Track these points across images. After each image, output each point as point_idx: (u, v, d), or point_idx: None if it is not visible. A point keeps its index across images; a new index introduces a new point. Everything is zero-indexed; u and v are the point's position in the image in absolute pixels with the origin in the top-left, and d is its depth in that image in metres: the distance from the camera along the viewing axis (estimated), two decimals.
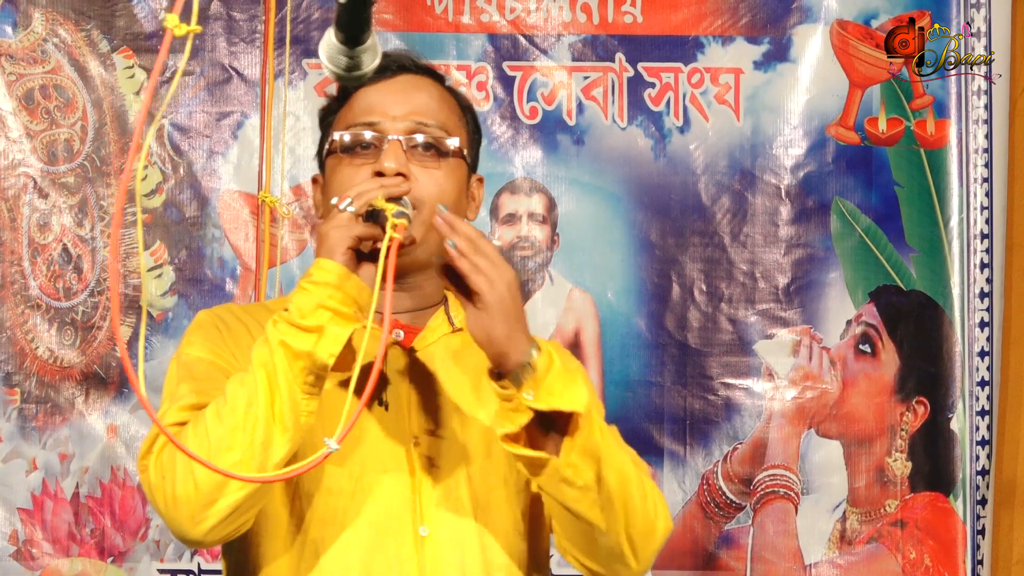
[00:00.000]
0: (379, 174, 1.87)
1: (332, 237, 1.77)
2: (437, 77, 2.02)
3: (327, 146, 1.98)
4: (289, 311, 1.75)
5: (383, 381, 1.90)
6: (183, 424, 1.79)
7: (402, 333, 1.95)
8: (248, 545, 1.89)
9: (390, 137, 1.90)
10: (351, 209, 1.78)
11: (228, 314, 1.97)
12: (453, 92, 2.03)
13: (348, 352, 1.80)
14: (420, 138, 1.92)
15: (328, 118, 2.01)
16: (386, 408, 1.90)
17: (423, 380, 1.94)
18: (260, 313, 1.95)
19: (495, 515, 1.91)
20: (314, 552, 1.85)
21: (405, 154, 1.90)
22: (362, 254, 1.79)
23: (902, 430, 3.46)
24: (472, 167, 2.02)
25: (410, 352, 1.94)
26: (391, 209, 1.77)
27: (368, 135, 1.92)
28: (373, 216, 1.79)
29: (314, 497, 1.86)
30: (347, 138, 1.93)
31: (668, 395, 3.47)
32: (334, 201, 1.81)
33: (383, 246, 1.73)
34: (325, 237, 1.78)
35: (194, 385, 1.84)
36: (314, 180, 2.04)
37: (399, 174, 1.87)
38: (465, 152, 1.97)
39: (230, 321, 1.94)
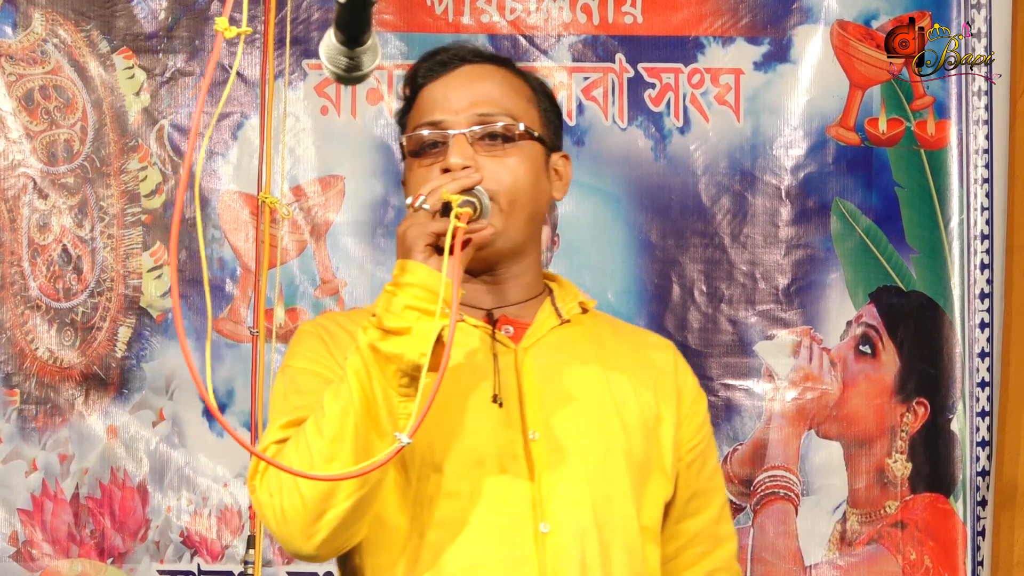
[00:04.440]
0: (448, 171, 1.87)
1: (409, 236, 1.76)
2: (501, 62, 2.01)
3: (401, 151, 2.00)
4: (377, 316, 1.75)
5: (496, 379, 1.90)
6: (284, 441, 1.80)
7: (512, 329, 1.94)
8: (363, 554, 1.88)
9: (453, 132, 1.91)
10: (426, 207, 1.77)
11: (330, 322, 1.96)
12: (521, 74, 2.02)
13: (452, 349, 1.81)
14: (484, 129, 1.91)
15: (402, 120, 2.02)
16: (500, 406, 1.88)
17: (536, 375, 1.92)
18: (362, 319, 1.93)
19: (615, 509, 1.89)
20: (432, 556, 1.84)
21: (473, 146, 1.90)
22: (442, 250, 1.78)
23: (902, 431, 3.46)
24: (552, 146, 2.01)
25: (521, 348, 1.94)
26: (457, 199, 1.76)
27: (432, 134, 1.92)
28: (448, 211, 1.79)
29: (434, 501, 1.85)
30: (413, 141, 1.94)
31: None
32: (408, 201, 1.82)
33: (448, 235, 1.73)
34: (403, 237, 1.77)
35: (298, 399, 1.85)
36: (403, 183, 2.03)
37: (467, 167, 1.87)
38: (537, 133, 1.96)
39: (332, 329, 1.94)
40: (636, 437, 1.93)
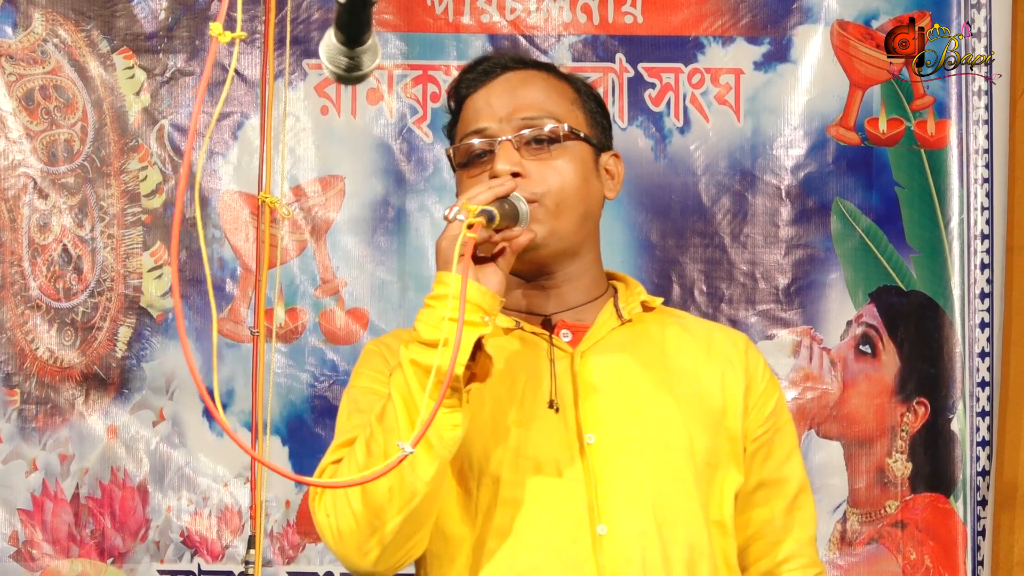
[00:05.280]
0: (496, 177, 1.88)
1: (443, 248, 1.77)
2: (543, 67, 2.03)
3: (451, 163, 2.01)
4: (416, 330, 1.76)
5: (553, 384, 1.90)
6: (340, 461, 1.82)
7: (570, 333, 1.95)
8: (428, 568, 1.90)
9: (499, 139, 1.92)
10: (460, 218, 1.77)
11: (393, 339, 1.97)
12: (565, 77, 2.04)
13: (509, 356, 1.84)
14: (530, 133, 1.92)
15: (450, 134, 2.02)
16: (556, 411, 1.89)
17: (592, 378, 1.92)
18: None
19: (676, 508, 1.89)
20: (489, 564, 1.85)
21: (519, 151, 1.91)
22: (481, 259, 1.79)
23: (902, 431, 3.46)
24: (602, 146, 2.02)
25: (578, 352, 1.93)
26: (474, 209, 1.76)
27: (478, 143, 1.93)
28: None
29: (493, 510, 1.86)
30: (460, 152, 1.95)
31: None
32: (444, 212, 1.81)
33: (457, 244, 1.73)
34: (440, 249, 1.78)
35: (359, 418, 1.86)
36: (457, 196, 2.03)
37: (515, 174, 1.88)
38: (583, 134, 1.98)
39: (394, 346, 1.94)
40: (699, 433, 1.92)
